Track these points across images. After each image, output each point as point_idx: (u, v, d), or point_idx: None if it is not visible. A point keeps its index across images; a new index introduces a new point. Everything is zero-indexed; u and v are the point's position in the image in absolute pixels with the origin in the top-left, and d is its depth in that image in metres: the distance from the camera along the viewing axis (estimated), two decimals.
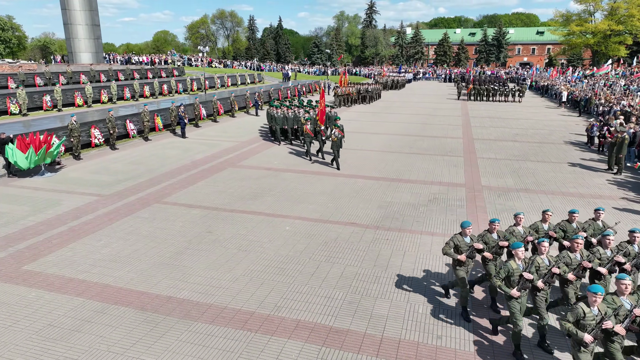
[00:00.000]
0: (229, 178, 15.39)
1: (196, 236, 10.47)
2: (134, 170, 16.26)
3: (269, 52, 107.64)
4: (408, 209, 12.46)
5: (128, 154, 19.08)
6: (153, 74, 43.68)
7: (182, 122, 22.43)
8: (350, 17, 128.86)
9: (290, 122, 20.79)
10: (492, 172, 16.50)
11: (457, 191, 14.10)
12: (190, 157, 18.39)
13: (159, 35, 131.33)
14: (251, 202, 12.92)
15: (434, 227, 11.12)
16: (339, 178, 15.48)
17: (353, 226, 11.14)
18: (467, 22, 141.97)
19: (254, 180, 15.16)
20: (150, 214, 11.90)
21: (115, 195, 13.38)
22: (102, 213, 11.91)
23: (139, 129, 22.47)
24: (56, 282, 8.31)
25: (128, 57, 60.35)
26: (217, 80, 44.22)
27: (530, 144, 21.67)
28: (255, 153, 19.37)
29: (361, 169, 16.59)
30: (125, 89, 33.39)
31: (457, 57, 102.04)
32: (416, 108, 35.71)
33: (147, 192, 13.76)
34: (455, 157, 18.96)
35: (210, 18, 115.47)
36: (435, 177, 15.67)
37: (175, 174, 15.80)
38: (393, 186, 14.58)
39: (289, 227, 11.01)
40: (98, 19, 48.89)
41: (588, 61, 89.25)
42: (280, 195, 13.58)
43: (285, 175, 15.85)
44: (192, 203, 12.77)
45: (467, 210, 12.33)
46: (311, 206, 12.60)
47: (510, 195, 13.70)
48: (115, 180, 15.02)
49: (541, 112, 34.11)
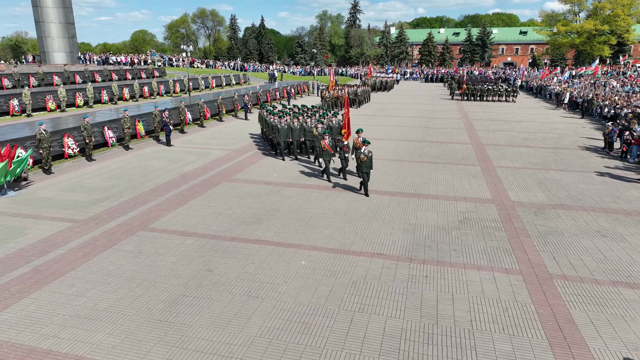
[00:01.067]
0: (225, 195, 13.42)
1: (193, 276, 8.51)
2: (114, 187, 14.15)
3: (251, 52, 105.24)
4: (439, 233, 10.70)
5: (107, 166, 16.91)
6: (132, 75, 41.19)
7: (167, 129, 20.32)
8: (333, 17, 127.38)
9: (297, 133, 17.61)
10: (517, 184, 14.90)
11: (487, 209, 12.41)
12: (178, 169, 16.33)
13: (137, 35, 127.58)
14: (255, 227, 10.99)
15: (477, 258, 9.38)
16: (350, 194, 13.65)
17: (381, 258, 9.32)
18: (449, 22, 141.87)
19: (254, 198, 13.22)
20: (135, 245, 9.88)
21: (92, 221, 11.29)
22: (76, 246, 9.83)
23: (119, 137, 20.29)
24: (10, 356, 6.28)
25: (105, 57, 57.43)
26: (201, 81, 41.98)
27: (544, 150, 20.20)
28: (250, 163, 17.41)
29: (373, 181, 14.77)
30: (103, 91, 30.97)
31: (442, 57, 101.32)
32: (412, 110, 34.14)
33: (130, 215, 11.70)
34: (471, 165, 17.34)
35: (191, 17, 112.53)
36: (457, 192, 13.97)
37: (162, 191, 13.76)
38: (413, 203, 12.82)
39: (305, 262, 9.13)
40: (72, 17, 46.12)
41: (571, 61, 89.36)
42: (287, 217, 11.68)
43: (288, 191, 13.95)
44: (185, 229, 10.78)
45: (508, 234, 10.63)
46: (326, 231, 10.74)
47: (548, 214, 12.06)
48: (92, 200, 12.90)
49: (542, 114, 32.88)
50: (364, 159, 12.81)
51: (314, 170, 16.43)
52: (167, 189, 13.96)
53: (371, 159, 12.92)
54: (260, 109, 20.94)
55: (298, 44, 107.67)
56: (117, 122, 20.33)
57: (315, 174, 15.88)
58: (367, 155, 12.80)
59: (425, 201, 13.03)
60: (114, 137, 19.92)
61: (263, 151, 19.60)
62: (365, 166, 12.93)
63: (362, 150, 12.80)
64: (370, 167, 13.00)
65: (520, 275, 8.67)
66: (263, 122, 20.50)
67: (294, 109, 20.49)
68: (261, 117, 20.70)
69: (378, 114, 31.97)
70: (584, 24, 76.23)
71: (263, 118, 20.36)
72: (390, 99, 42.55)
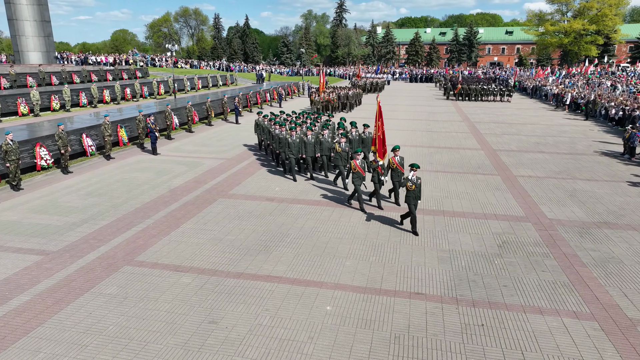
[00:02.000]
0: (223, 215, 11.65)
1: (195, 332, 6.77)
2: (93, 206, 12.26)
3: (236, 52, 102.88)
4: (480, 262, 9.13)
5: (85, 179, 14.97)
6: (113, 76, 38.99)
7: (153, 136, 18.40)
8: (319, 17, 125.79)
9: (311, 148, 14.72)
10: (546, 197, 13.44)
11: (525, 229, 10.89)
12: (166, 183, 14.48)
13: (117, 35, 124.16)
14: (262, 257, 9.27)
15: (535, 297, 7.81)
16: (368, 211, 12.01)
17: (422, 299, 7.70)
18: (434, 22, 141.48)
19: (257, 218, 11.48)
20: (119, 286, 8.08)
21: (67, 252, 9.43)
22: (46, 289, 7.99)
23: (99, 145, 18.32)
24: None
25: (84, 56, 54.85)
26: (187, 82, 39.94)
27: (561, 157, 18.86)
28: (247, 175, 15.64)
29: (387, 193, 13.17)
30: (81, 93, 28.79)
31: (429, 57, 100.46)
32: (410, 112, 32.69)
33: (112, 244, 9.87)
34: (489, 175, 15.85)
35: (174, 16, 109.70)
36: (484, 207, 12.43)
37: (149, 211, 11.92)
38: (440, 223, 11.23)
39: (331, 308, 7.46)
40: (48, 15, 43.58)
41: (556, 61, 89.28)
42: (299, 243, 9.98)
43: (295, 209, 12.24)
44: (180, 262, 9.01)
45: (559, 263, 9.11)
46: (348, 262, 9.08)
47: (595, 235, 10.59)
48: (67, 224, 11.01)
49: (544, 116, 31.73)
50: (411, 187, 10.21)
51: (321, 182, 14.75)
52: (155, 208, 12.13)
53: (420, 187, 10.39)
54: (258, 115, 18.23)
55: (284, 43, 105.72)
56: (97, 129, 18.37)
57: (322, 187, 14.20)
58: (416, 183, 10.26)
59: (452, 220, 11.45)
60: (94, 146, 17.95)
61: (259, 159, 17.85)
62: (414, 197, 10.32)
63: (410, 177, 10.28)
64: (419, 197, 10.39)
65: (594, 321, 7.13)
66: (264, 133, 17.82)
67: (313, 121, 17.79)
68: (260, 127, 18.04)
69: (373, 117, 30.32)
70: (572, 24, 76.00)
71: (263, 127, 17.75)
72: (384, 101, 40.94)
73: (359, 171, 11.66)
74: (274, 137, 15.85)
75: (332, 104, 31.41)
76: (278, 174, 15.75)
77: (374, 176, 11.87)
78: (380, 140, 12.27)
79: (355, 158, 11.80)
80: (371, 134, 14.97)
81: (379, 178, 11.86)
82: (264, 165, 16.96)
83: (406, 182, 10.38)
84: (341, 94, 33.36)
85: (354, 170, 11.69)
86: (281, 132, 15.15)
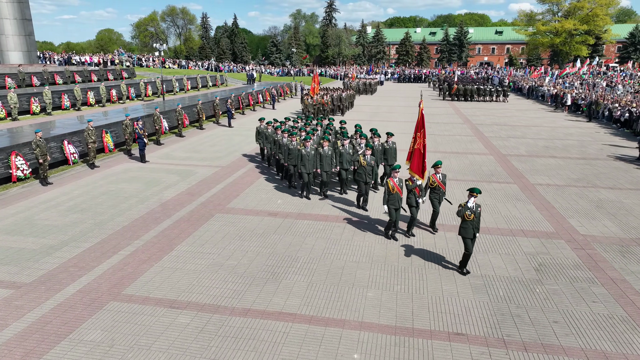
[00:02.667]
0: (222, 235, 10.38)
1: None
2: (74, 224, 10.91)
3: (224, 52, 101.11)
4: (519, 291, 8.00)
5: (66, 192, 13.58)
6: (98, 77, 37.35)
7: (141, 142, 17.03)
8: (307, 16, 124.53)
9: (328, 161, 12.73)
10: (572, 208, 12.40)
11: (559, 248, 9.81)
12: (157, 196, 13.16)
13: (102, 34, 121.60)
14: (271, 287, 8.04)
15: (594, 338, 6.70)
16: (381, 229, 10.84)
17: (464, 342, 6.54)
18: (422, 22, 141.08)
19: (261, 238, 10.24)
20: (104, 329, 6.79)
21: (43, 285, 8.10)
22: (13, 335, 6.67)
23: (83, 152, 16.91)
24: None
25: (68, 56, 52.89)
26: (175, 83, 38.47)
27: (575, 162, 17.91)
28: (244, 185, 14.38)
29: None
30: (64, 95, 27.18)
31: (420, 57, 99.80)
32: (408, 114, 31.58)
33: (96, 272, 8.56)
34: (505, 183, 14.80)
35: (160, 15, 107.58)
36: (509, 222, 11.34)
37: (138, 230, 10.61)
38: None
39: (359, 356, 6.26)
40: (29, 13, 41.61)
41: (546, 61, 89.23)
42: (311, 268, 8.77)
43: (301, 225, 11.02)
44: (176, 297, 7.74)
45: (609, 290, 8.02)
46: (370, 293, 7.89)
47: (637, 254, 9.55)
48: (44, 247, 9.66)
49: (545, 117, 30.91)
50: (470, 216, 8.31)
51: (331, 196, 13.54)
52: (145, 226, 10.82)
53: (480, 217, 8.54)
54: (260, 122, 16.24)
55: (273, 43, 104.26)
56: (80, 135, 16.96)
57: (329, 199, 12.99)
58: (476, 212, 8.35)
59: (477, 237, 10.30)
60: (76, 153, 16.54)
61: (257, 167, 16.59)
62: (472, 227, 8.35)
63: (470, 204, 8.34)
64: (478, 229, 8.51)
65: None
66: (268, 142, 15.81)
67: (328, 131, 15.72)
68: (262, 135, 16.06)
69: (372, 119, 29.26)
70: (563, 23, 75.84)
71: (266, 136, 15.75)
72: (380, 102, 39.96)
73: (398, 192, 9.71)
74: (280, 147, 14.02)
75: (326, 107, 29.30)
76: (279, 184, 14.52)
77: (409, 198, 10.01)
78: (419, 155, 10.24)
79: (392, 176, 9.88)
80: (395, 144, 13.70)
81: (416, 201, 10.01)
82: (263, 174, 15.71)
83: (464, 211, 8.35)
84: (334, 96, 31.21)
85: (392, 191, 9.72)
86: (291, 142, 13.25)
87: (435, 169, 10.31)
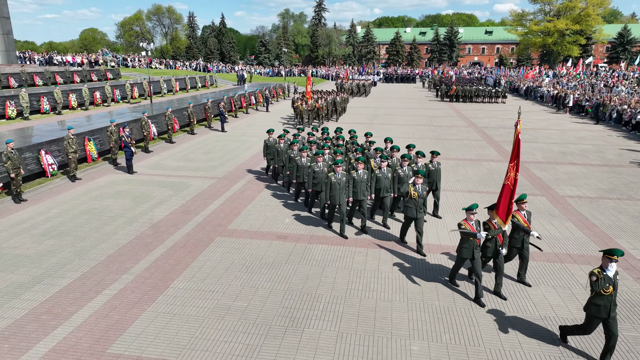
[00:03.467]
0: (225, 266, 8.84)
1: None
2: (50, 254, 9.28)
3: (212, 52, 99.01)
4: (593, 338, 6.61)
5: (43, 211, 11.90)
6: (81, 78, 35.41)
7: (128, 151, 15.37)
8: (296, 16, 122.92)
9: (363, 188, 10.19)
10: (615, 225, 11.11)
11: (625, 282, 8.44)
12: (147, 215, 11.55)
13: (86, 34, 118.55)
14: (292, 340, 6.54)
15: None
16: (409, 254, 9.40)
17: None
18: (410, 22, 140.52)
19: (271, 269, 8.72)
20: None
21: (6, 342, 6.49)
22: None
23: (62, 162, 15.21)
24: None
25: (49, 56, 50.61)
26: (163, 84, 36.67)
27: (597, 169, 16.70)
28: (246, 201, 12.83)
29: (429, 230, 10.58)
30: (43, 98, 25.28)
31: (410, 57, 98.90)
32: (408, 117, 30.30)
33: (74, 321, 6.97)
34: (532, 195, 13.45)
35: (146, 14, 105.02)
36: (552, 244, 9.97)
37: (126, 260, 9.02)
38: (508, 268, 8.67)
39: None
40: (7, 10, 39.38)
41: (536, 61, 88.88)
42: (337, 311, 7.29)
43: (316, 251, 9.53)
44: (176, 356, 6.19)
45: None
46: (415, 346, 6.44)
47: None
48: (10, 286, 8.02)
49: (549, 120, 29.81)
50: (608, 291, 5.88)
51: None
52: (134, 255, 9.23)
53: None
54: (268, 134, 14.09)
55: (261, 43, 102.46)
56: (60, 143, 15.25)
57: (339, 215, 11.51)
58: (614, 283, 5.95)
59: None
60: (55, 164, 14.84)
61: (258, 179, 15.05)
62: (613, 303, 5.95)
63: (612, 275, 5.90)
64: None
65: None
66: (280, 159, 13.52)
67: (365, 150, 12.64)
68: (271, 149, 13.90)
69: (373, 122, 27.83)
70: (556, 23, 75.41)
71: (278, 151, 13.47)
72: (377, 104, 38.55)
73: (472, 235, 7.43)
74: (299, 168, 11.64)
75: (322, 112, 26.40)
76: (284, 198, 13.00)
77: (486, 247, 7.72)
78: (507, 193, 7.54)
79: (467, 218, 7.56)
80: (440, 165, 11.37)
81: (496, 249, 7.69)
82: (265, 187, 14.17)
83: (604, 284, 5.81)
84: (328, 99, 28.17)
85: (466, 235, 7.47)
86: (317, 164, 10.81)
87: (519, 204, 8.02)
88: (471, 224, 7.53)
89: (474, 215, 7.56)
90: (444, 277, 8.46)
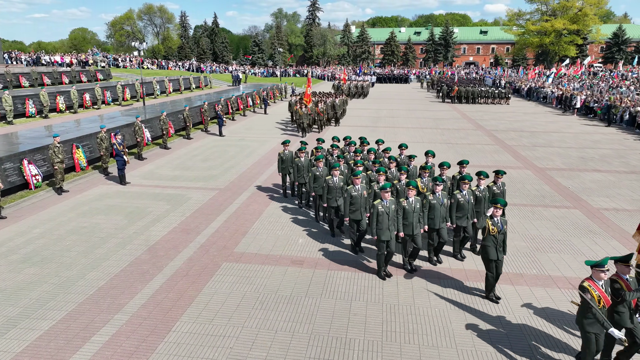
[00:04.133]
0: (235, 301, 7.57)
1: None
2: (30, 286, 7.96)
3: (205, 52, 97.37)
4: None
5: (23, 231, 10.56)
6: (70, 79, 33.89)
7: (120, 161, 14.04)
8: (289, 15, 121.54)
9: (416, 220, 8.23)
10: None
11: None
12: (143, 235, 10.25)
13: (76, 34, 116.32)
14: None
15: None
16: (445, 281, 8.20)
17: None
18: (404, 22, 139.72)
19: (289, 304, 7.47)
20: None
21: None
22: None
23: (48, 173, 13.85)
24: None
25: (37, 56, 48.88)
26: (156, 85, 35.25)
27: (625, 176, 15.66)
28: (252, 217, 11.56)
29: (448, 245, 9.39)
30: (28, 101, 23.81)
31: (405, 57, 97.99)
32: (412, 119, 29.17)
33: None
34: (564, 208, 12.34)
35: (137, 13, 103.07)
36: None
37: (120, 295, 7.73)
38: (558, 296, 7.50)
39: None
40: None
41: (532, 61, 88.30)
42: None
43: (338, 280, 8.30)
44: None
45: None
46: None
47: None
48: None
49: (559, 122, 28.83)
50: None
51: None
52: (129, 287, 7.94)
53: None
54: (283, 146, 12.42)
55: (255, 43, 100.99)
56: (45, 151, 13.89)
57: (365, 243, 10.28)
58: None
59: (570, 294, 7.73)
60: (40, 175, 13.47)
61: (263, 189, 13.80)
62: None
63: None
64: None
65: None
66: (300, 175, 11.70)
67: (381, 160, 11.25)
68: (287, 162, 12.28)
69: (377, 125, 26.65)
70: (553, 23, 74.83)
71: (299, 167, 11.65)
72: (377, 106, 37.38)
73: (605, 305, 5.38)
74: (330, 189, 9.68)
75: (322, 116, 24.33)
76: (295, 213, 11.75)
77: (619, 314, 5.62)
78: None
79: (595, 278, 5.46)
80: (505, 185, 9.53)
81: (631, 317, 5.65)
82: (271, 199, 12.92)
83: None
84: (328, 102, 25.94)
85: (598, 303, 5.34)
86: (354, 187, 8.92)
87: (625, 264, 5.69)
88: (599, 285, 5.38)
89: (606, 274, 5.39)
90: (487, 314, 7.27)
